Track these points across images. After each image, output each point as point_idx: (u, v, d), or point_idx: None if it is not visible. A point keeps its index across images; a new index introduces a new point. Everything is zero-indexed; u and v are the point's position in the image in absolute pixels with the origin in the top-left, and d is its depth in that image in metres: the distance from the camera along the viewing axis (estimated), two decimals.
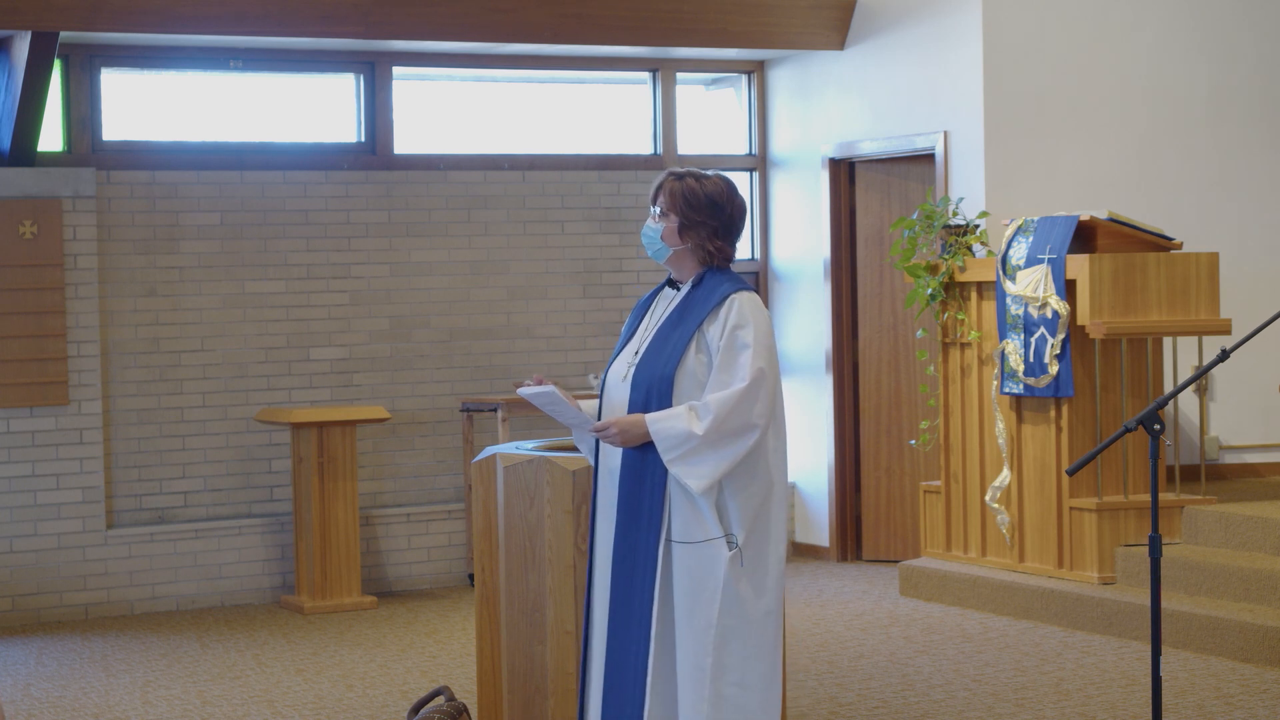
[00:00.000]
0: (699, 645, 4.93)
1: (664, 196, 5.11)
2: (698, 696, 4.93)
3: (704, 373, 4.98)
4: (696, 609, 4.93)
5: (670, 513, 4.97)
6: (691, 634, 4.94)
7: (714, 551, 4.92)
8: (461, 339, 10.43)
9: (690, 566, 4.94)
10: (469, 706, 6.85)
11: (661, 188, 5.13)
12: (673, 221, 5.09)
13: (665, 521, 4.96)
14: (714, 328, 4.98)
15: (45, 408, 9.44)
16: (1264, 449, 10.10)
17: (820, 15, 10.43)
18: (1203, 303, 8.73)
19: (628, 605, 5.00)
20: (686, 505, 4.95)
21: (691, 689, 4.94)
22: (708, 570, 4.92)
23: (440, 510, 10.30)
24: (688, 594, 4.94)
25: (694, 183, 5.10)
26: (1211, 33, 10.08)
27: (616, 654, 5.02)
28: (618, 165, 10.83)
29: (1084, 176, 9.73)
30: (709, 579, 4.93)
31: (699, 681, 4.93)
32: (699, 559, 4.93)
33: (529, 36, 9.95)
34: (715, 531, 4.93)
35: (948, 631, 8.61)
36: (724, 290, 5.01)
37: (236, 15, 9.27)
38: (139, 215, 9.78)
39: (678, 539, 4.96)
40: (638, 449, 5.00)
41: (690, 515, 4.94)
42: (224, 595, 9.83)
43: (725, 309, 4.99)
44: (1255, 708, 6.98)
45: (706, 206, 5.08)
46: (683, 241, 5.10)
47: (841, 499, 10.73)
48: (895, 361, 10.57)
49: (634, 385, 5.03)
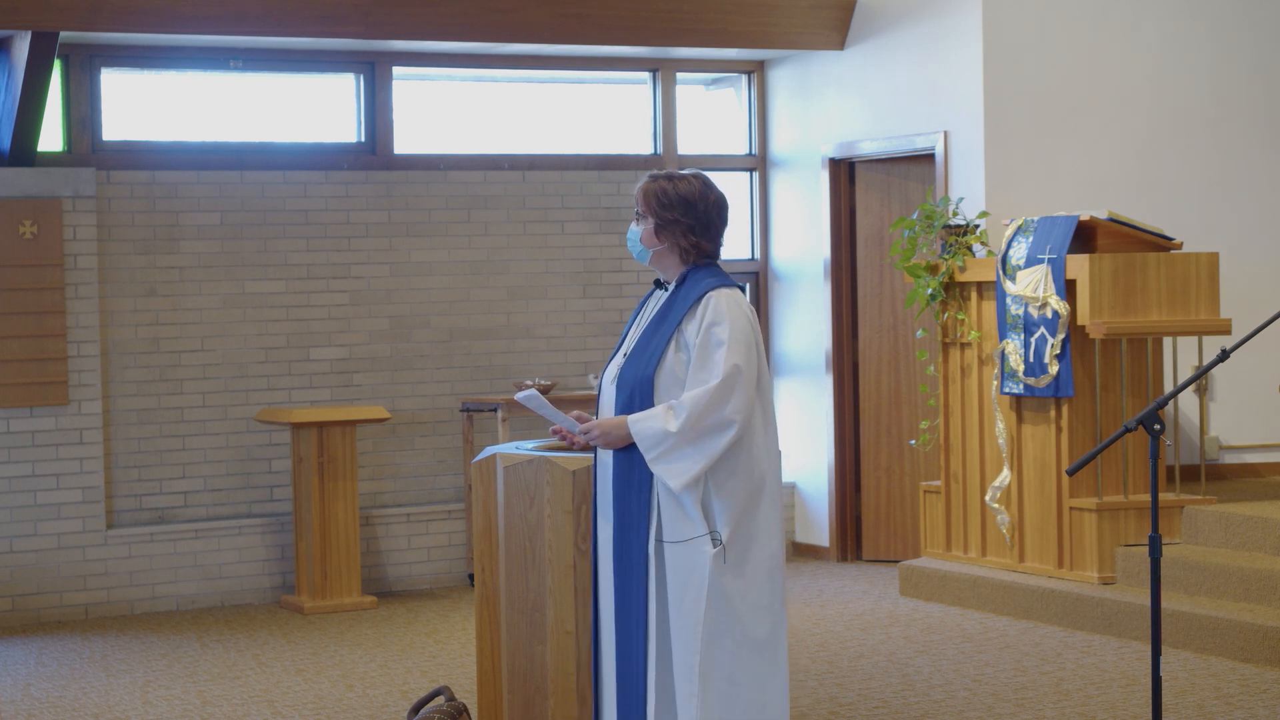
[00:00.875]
0: (688, 643, 4.98)
1: (640, 199, 5.21)
2: (689, 693, 4.96)
3: (684, 371, 5.04)
4: (685, 607, 4.99)
5: (659, 513, 5.01)
6: (681, 632, 5.00)
7: (698, 549, 4.96)
8: (461, 339, 10.43)
9: (678, 565, 5.00)
10: (469, 706, 6.85)
11: (637, 192, 5.23)
12: (649, 223, 5.18)
13: (654, 522, 5.02)
14: (691, 325, 5.05)
15: (45, 408, 9.44)
16: (1264, 449, 10.10)
17: (820, 15, 10.43)
18: (1203, 303, 8.73)
19: (628, 606, 5.06)
20: (673, 505, 5.01)
21: (684, 686, 4.98)
22: (693, 568, 4.97)
23: (440, 510, 10.30)
24: (678, 592, 5.00)
25: (666, 183, 5.18)
26: (1212, 32, 10.08)
27: (623, 655, 5.07)
28: (618, 165, 10.83)
29: (1084, 176, 9.73)
30: (694, 577, 4.97)
31: (689, 679, 4.96)
32: (685, 557, 4.99)
33: (529, 36, 9.95)
34: (700, 529, 4.98)
35: (948, 631, 8.61)
36: (703, 288, 5.08)
37: (236, 15, 9.27)
38: (139, 215, 9.78)
39: (668, 539, 5.00)
40: (624, 451, 5.06)
41: (677, 514, 5.00)
42: (224, 595, 9.82)
43: (702, 307, 5.05)
44: (1255, 708, 6.98)
45: (679, 205, 5.15)
46: (660, 241, 5.18)
47: (841, 499, 10.73)
48: (895, 361, 10.57)
49: (618, 387, 5.12)
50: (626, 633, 5.06)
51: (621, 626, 5.07)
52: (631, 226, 5.23)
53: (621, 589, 5.06)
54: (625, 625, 5.06)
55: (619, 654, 5.09)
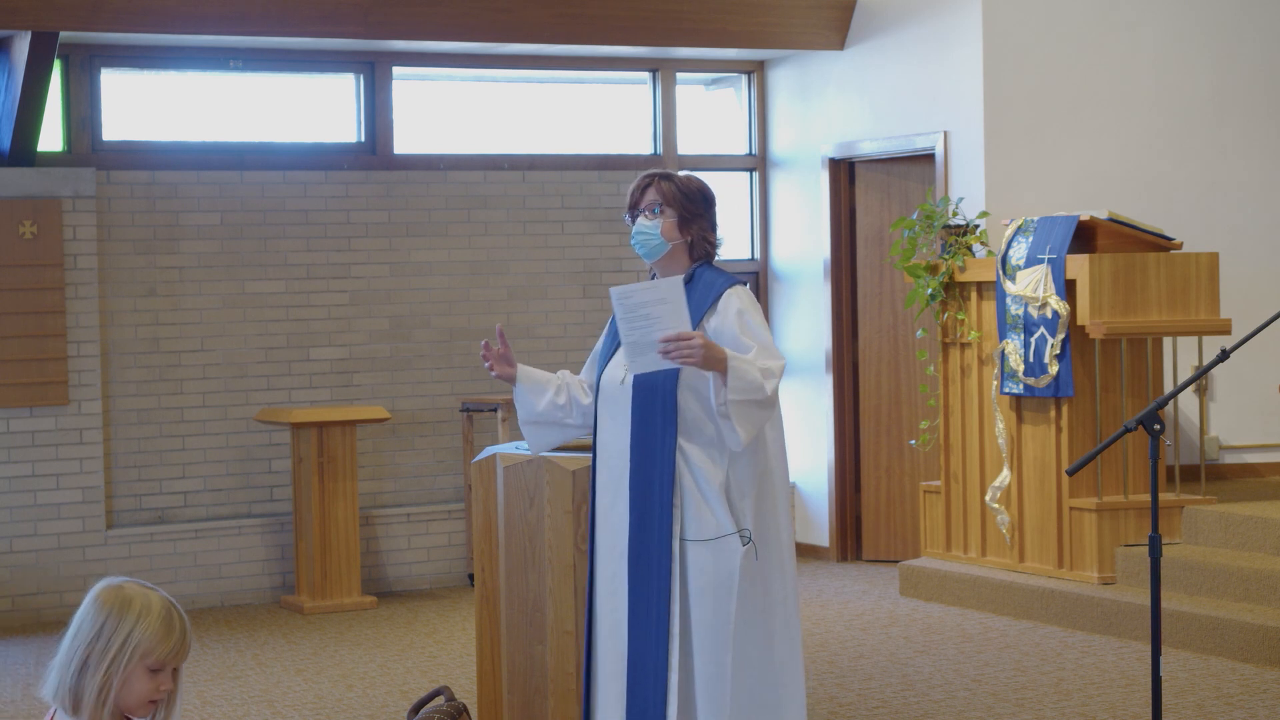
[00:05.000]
0: (718, 642, 4.95)
1: (655, 194, 5.15)
2: (718, 693, 4.94)
3: None
4: (713, 606, 4.94)
5: (682, 511, 4.98)
6: (710, 632, 4.95)
7: (728, 548, 4.95)
8: (461, 339, 10.43)
9: (705, 564, 4.95)
10: (469, 706, 6.85)
11: (649, 189, 5.16)
12: (671, 217, 5.12)
13: (678, 521, 4.98)
14: (714, 321, 5.02)
15: (45, 408, 9.44)
16: (1264, 449, 10.10)
17: (820, 15, 10.43)
18: (1203, 303, 8.73)
19: (645, 606, 4.99)
20: (698, 502, 4.96)
21: (712, 686, 4.95)
22: (722, 567, 4.94)
23: (440, 510, 10.30)
24: (704, 592, 4.95)
25: (684, 179, 5.19)
26: (1212, 32, 10.08)
27: (637, 656, 5.01)
28: (618, 165, 10.83)
29: (1084, 176, 9.73)
30: (724, 575, 4.94)
31: (719, 678, 4.94)
32: (713, 556, 4.95)
33: (529, 36, 9.95)
34: (728, 528, 4.95)
35: (948, 631, 8.61)
36: (719, 285, 5.07)
37: (236, 15, 9.27)
38: (139, 215, 9.78)
39: (690, 537, 4.97)
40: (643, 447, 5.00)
41: (702, 512, 4.96)
42: (224, 595, 9.83)
43: (724, 302, 5.03)
44: (1255, 708, 6.98)
45: (699, 199, 5.18)
46: (683, 235, 5.14)
47: (841, 499, 10.73)
48: (895, 361, 10.57)
49: (635, 387, 5.03)
50: (643, 633, 4.99)
51: (637, 627, 4.99)
52: (642, 222, 5.13)
53: (638, 589, 4.99)
54: (642, 626, 4.99)
55: (632, 655, 5.01)
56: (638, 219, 5.16)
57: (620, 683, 5.06)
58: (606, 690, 5.11)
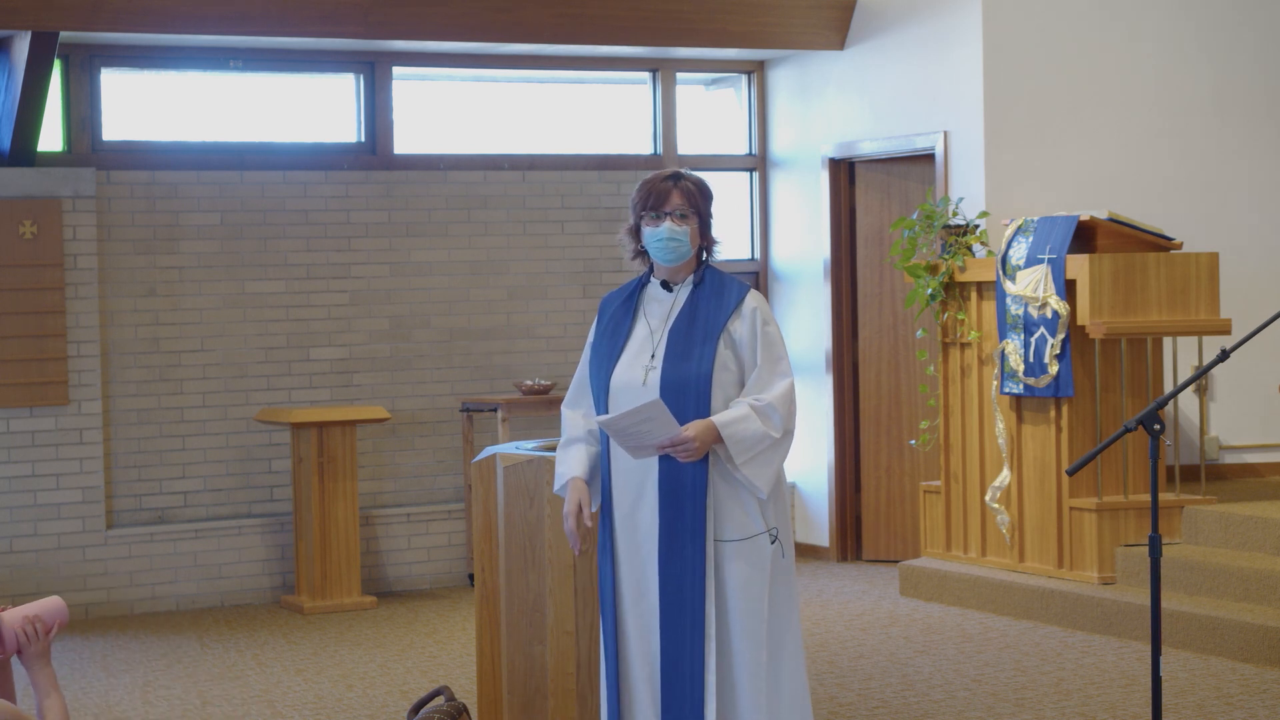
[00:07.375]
0: (755, 641, 4.97)
1: (681, 198, 5.06)
2: (758, 690, 4.95)
3: (737, 368, 5.02)
4: (748, 606, 4.97)
5: (715, 512, 4.98)
6: (747, 631, 4.97)
7: (760, 547, 4.97)
8: (461, 339, 10.43)
9: (738, 564, 4.97)
10: (469, 706, 6.85)
11: (674, 192, 5.06)
12: (695, 221, 5.10)
13: (710, 521, 4.98)
14: (740, 325, 5.02)
15: (45, 408, 9.44)
16: (1264, 449, 10.10)
17: (820, 15, 10.43)
18: (1203, 303, 8.73)
19: (679, 607, 4.97)
20: (730, 503, 4.98)
21: (753, 684, 4.95)
22: (756, 566, 4.97)
23: (440, 510, 10.30)
24: (739, 591, 4.97)
25: (699, 180, 5.17)
26: (1213, 33, 10.08)
27: (671, 658, 4.98)
28: (618, 165, 10.83)
29: (1084, 176, 9.73)
30: (757, 575, 4.97)
31: (758, 676, 4.95)
32: (746, 556, 4.97)
33: (529, 36, 9.95)
34: (759, 527, 4.98)
35: (948, 631, 8.61)
36: (736, 288, 5.07)
37: (236, 15, 9.27)
38: (139, 215, 9.78)
39: (723, 538, 4.98)
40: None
41: (735, 512, 4.97)
42: (224, 595, 9.82)
43: (748, 306, 5.03)
44: (1255, 708, 6.98)
45: (711, 200, 5.18)
46: (704, 239, 5.14)
47: (841, 499, 10.73)
48: (895, 361, 10.56)
49: (663, 389, 4.97)
50: (677, 635, 4.96)
51: (670, 629, 4.97)
52: (671, 226, 5.03)
53: (670, 591, 4.97)
54: (676, 628, 4.96)
55: (665, 657, 4.98)
56: (664, 221, 5.05)
57: (653, 685, 5.03)
58: (640, 694, 5.05)
